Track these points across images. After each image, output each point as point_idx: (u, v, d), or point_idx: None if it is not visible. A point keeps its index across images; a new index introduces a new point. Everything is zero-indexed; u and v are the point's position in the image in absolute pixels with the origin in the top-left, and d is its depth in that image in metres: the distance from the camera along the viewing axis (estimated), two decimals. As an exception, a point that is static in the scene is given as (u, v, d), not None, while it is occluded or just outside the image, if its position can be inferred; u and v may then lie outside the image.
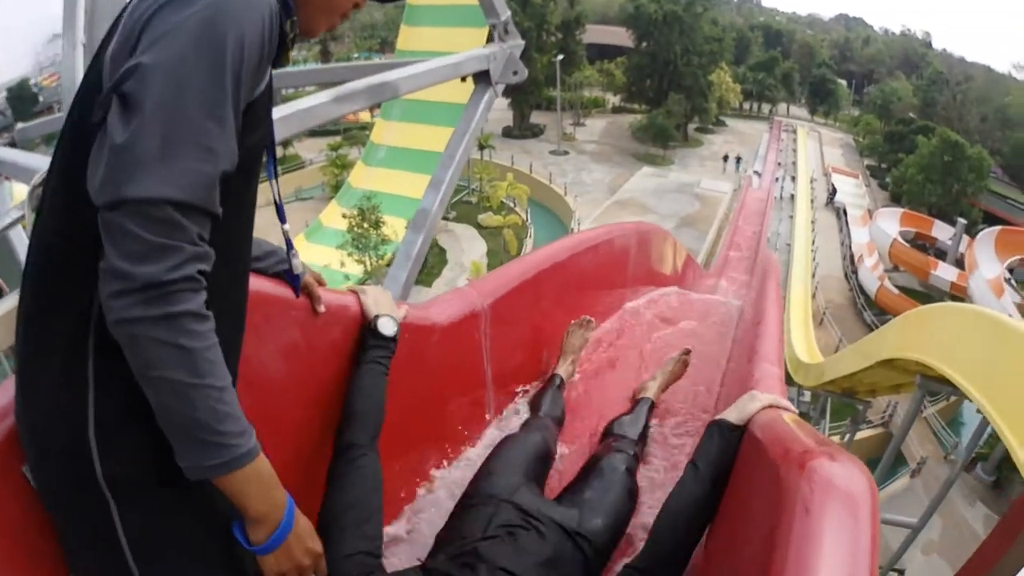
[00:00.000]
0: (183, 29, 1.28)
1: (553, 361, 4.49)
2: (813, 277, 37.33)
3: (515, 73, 5.78)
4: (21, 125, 7.55)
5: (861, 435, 20.03)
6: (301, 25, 1.61)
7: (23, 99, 58.99)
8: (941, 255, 39.32)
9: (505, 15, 5.61)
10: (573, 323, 4.61)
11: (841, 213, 48.01)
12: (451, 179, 5.68)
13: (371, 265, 32.47)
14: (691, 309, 6.77)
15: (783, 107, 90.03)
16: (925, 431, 21.85)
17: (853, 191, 53.43)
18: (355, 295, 2.50)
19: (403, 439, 2.42)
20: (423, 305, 3.20)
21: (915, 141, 53.69)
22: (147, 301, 1.25)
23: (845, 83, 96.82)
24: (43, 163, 4.12)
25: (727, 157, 57.16)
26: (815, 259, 39.76)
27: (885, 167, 61.80)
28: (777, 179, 52.44)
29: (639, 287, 6.69)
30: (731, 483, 2.23)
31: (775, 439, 1.94)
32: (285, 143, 45.18)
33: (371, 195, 34.27)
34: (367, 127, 50.18)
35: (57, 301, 1.44)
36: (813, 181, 55.88)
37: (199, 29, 1.29)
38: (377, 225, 32.24)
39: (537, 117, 63.19)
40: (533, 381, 4.30)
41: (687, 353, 4.54)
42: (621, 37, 69.25)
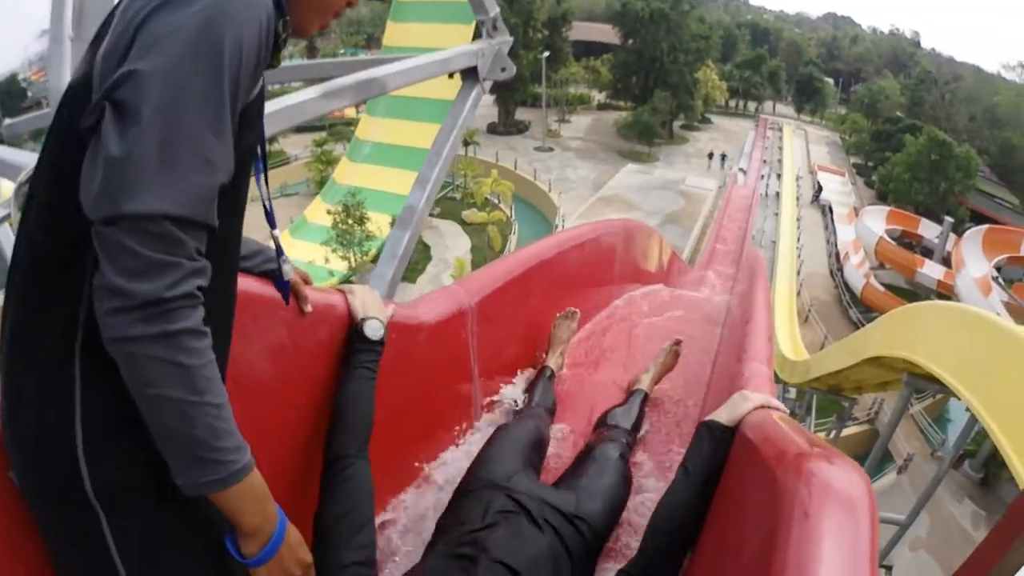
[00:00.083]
0: (180, 34, 1.25)
1: (540, 358, 4.51)
2: (798, 274, 37.56)
3: (503, 70, 5.75)
4: (9, 121, 7.50)
5: (847, 432, 20.21)
6: (294, 24, 1.58)
7: (11, 94, 58.82)
8: (928, 253, 39.52)
9: (494, 11, 5.59)
10: (559, 315, 4.67)
11: (827, 211, 48.22)
12: (438, 176, 5.65)
13: (355, 261, 32.53)
14: (678, 305, 6.76)
15: (769, 105, 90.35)
16: (911, 428, 21.98)
17: (839, 189, 53.67)
18: (342, 294, 2.47)
19: (390, 438, 2.39)
20: (410, 304, 3.18)
21: (902, 140, 53.95)
22: (146, 319, 1.23)
23: (832, 81, 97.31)
24: (31, 160, 4.07)
25: (712, 154, 57.33)
26: (800, 256, 40.00)
27: (871, 165, 62.14)
28: (763, 176, 52.64)
29: (626, 284, 6.71)
30: (722, 484, 2.21)
31: (768, 440, 1.92)
32: (271, 139, 45.04)
33: (356, 191, 34.46)
34: (352, 123, 50.13)
35: (44, 301, 1.40)
36: (799, 179, 56.18)
37: (197, 34, 1.26)
38: (362, 221, 32.35)
39: (522, 114, 63.30)
40: (520, 379, 4.28)
41: (678, 344, 4.61)
42: (607, 34, 69.42)
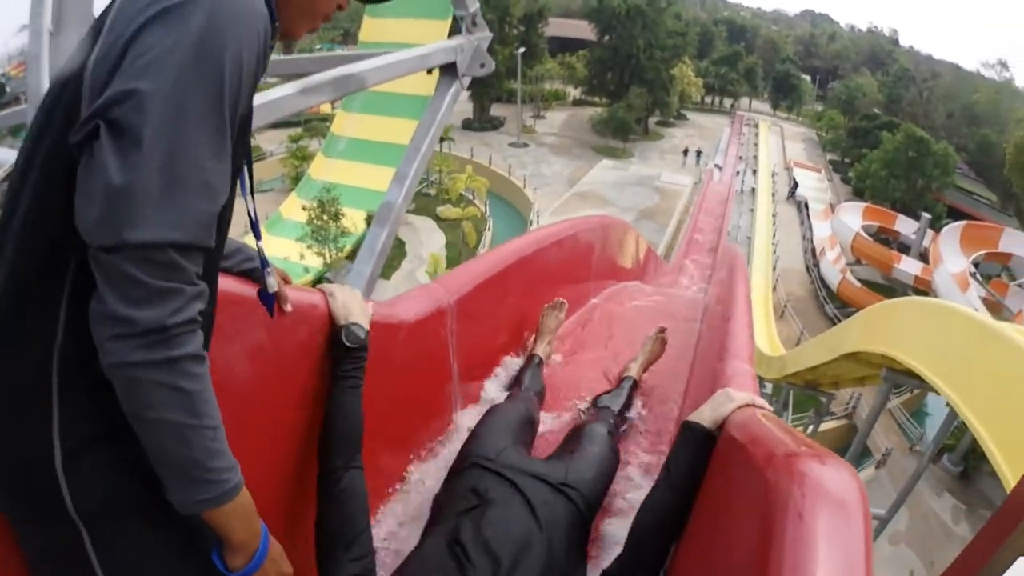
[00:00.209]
0: (179, 52, 1.22)
1: (521, 354, 4.55)
2: (774, 270, 37.85)
3: (482, 66, 5.73)
4: (-14, 117, 7.41)
5: (825, 427, 20.41)
6: (282, 28, 1.56)
7: (-12, 89, 58.26)
8: (904, 249, 39.68)
9: (474, 7, 5.56)
10: (546, 306, 4.74)
11: (803, 207, 48.51)
12: (416, 172, 5.63)
13: (330, 257, 32.51)
14: (657, 301, 6.79)
15: (746, 102, 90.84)
16: (889, 422, 22.14)
17: (815, 185, 54.08)
18: (322, 294, 2.44)
19: (369, 438, 2.37)
20: (389, 302, 3.17)
21: (879, 137, 54.34)
22: (149, 346, 1.23)
23: (809, 79, 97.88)
24: (9, 156, 4.02)
25: (687, 151, 57.68)
26: (776, 252, 40.23)
27: (848, 162, 62.59)
28: (738, 173, 52.90)
29: (604, 280, 6.76)
30: (707, 483, 2.20)
31: (755, 440, 1.91)
32: (246, 134, 45.18)
33: (331, 187, 34.44)
34: (328, 118, 50.08)
35: (22, 303, 1.35)
36: (775, 175, 56.47)
37: (197, 51, 1.23)
38: (337, 217, 32.33)
39: (497, 110, 63.33)
40: (500, 376, 4.31)
41: (663, 331, 4.72)
42: (583, 31, 69.56)
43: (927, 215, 40.28)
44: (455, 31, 5.81)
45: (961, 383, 7.65)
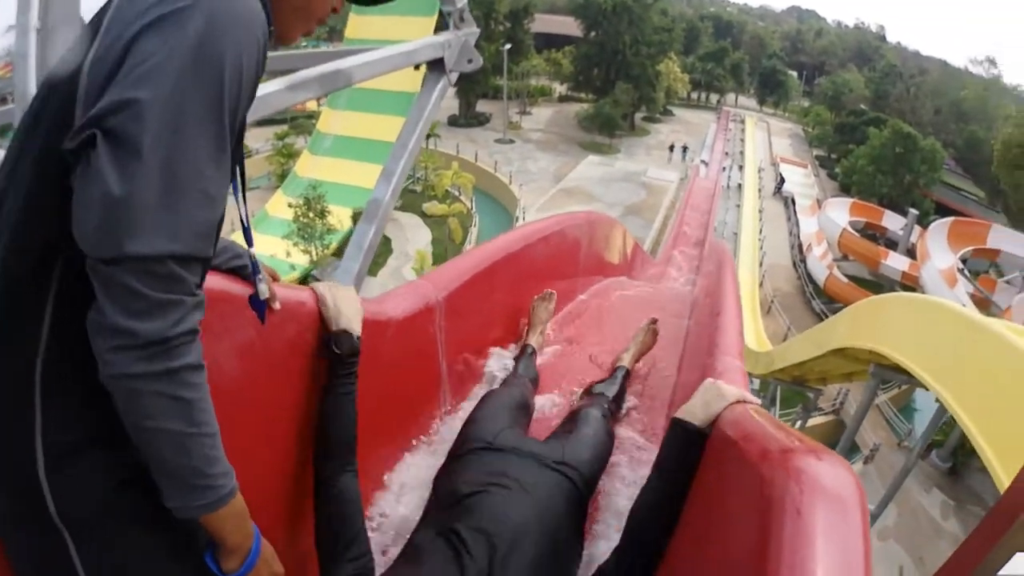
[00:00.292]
0: (178, 59, 1.20)
1: (509, 351, 4.55)
2: (761, 266, 37.96)
3: (470, 61, 5.71)
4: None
5: (812, 422, 20.48)
6: (277, 32, 1.56)
7: (-27, 89, 57.81)
8: (892, 245, 39.84)
9: (461, 3, 5.53)
10: (536, 297, 4.84)
11: (789, 202, 48.63)
12: (403, 169, 5.60)
13: (317, 255, 32.45)
14: (646, 293, 6.82)
15: (732, 97, 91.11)
16: (877, 418, 22.23)
17: (802, 181, 54.24)
18: (311, 292, 2.42)
19: (359, 435, 2.36)
20: (378, 299, 3.15)
21: (866, 132, 54.47)
22: (149, 357, 1.23)
23: (796, 74, 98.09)
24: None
25: (674, 147, 57.87)
26: (763, 248, 40.33)
27: (835, 158, 62.87)
28: (724, 168, 53.03)
29: (591, 276, 6.79)
30: (700, 480, 2.18)
31: (749, 437, 1.89)
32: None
33: (317, 184, 34.35)
34: (314, 116, 49.76)
35: (8, 304, 1.34)
36: (761, 171, 56.63)
37: (196, 58, 1.22)
38: (323, 214, 32.26)
39: (483, 106, 63.22)
40: (488, 372, 4.31)
41: (655, 322, 4.81)
42: (569, 27, 69.69)
43: (914, 211, 40.38)
44: (441, 28, 5.79)
45: (950, 379, 7.68)
